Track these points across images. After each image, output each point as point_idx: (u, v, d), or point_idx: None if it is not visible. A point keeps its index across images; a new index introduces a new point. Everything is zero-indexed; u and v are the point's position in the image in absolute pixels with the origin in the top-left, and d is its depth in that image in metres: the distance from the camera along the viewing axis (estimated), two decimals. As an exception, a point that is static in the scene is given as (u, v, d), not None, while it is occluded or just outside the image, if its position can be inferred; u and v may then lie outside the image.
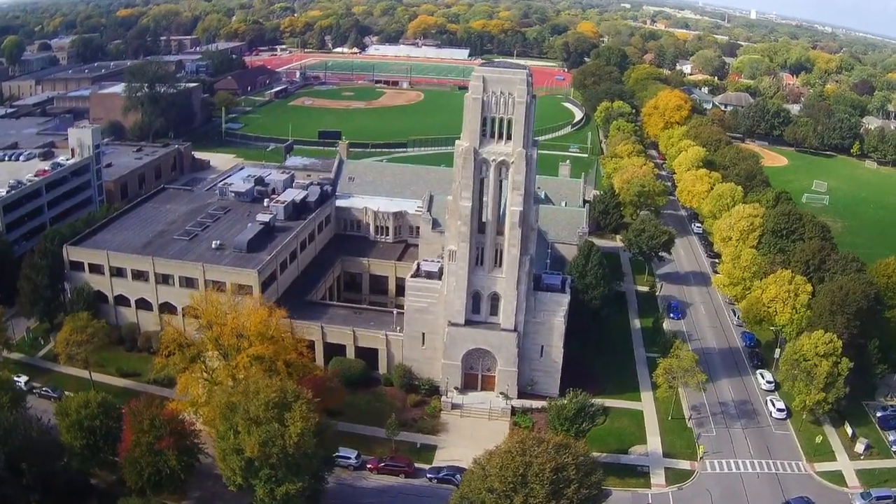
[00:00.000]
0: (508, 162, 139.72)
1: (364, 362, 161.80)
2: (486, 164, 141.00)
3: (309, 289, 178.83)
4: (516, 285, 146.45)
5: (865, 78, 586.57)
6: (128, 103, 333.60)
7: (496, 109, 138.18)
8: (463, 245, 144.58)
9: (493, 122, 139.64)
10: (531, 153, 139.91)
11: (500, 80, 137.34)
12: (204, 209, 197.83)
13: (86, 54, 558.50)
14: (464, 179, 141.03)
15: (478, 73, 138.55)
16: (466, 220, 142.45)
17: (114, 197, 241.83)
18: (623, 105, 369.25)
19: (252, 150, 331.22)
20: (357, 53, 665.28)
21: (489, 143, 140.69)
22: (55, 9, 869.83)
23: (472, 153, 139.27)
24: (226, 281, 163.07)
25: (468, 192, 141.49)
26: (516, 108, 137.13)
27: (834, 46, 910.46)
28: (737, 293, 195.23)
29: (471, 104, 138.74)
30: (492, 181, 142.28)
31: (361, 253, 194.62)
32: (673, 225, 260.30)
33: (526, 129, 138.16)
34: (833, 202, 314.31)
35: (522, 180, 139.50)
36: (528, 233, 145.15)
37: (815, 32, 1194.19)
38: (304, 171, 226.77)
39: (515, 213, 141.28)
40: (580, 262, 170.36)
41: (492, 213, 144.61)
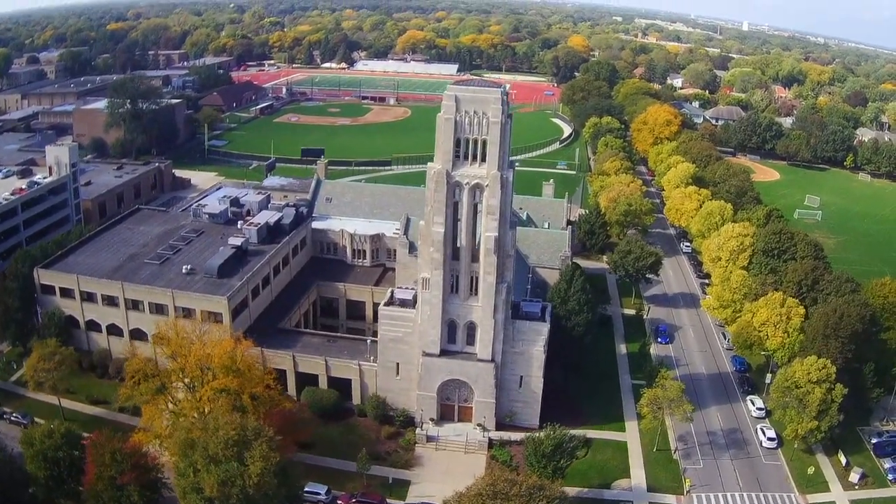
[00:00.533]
0: (483, 185, 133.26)
1: (337, 392, 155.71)
2: (460, 187, 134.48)
3: (282, 315, 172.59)
4: (493, 314, 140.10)
5: (858, 89, 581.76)
6: (109, 119, 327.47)
7: (470, 130, 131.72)
8: (436, 272, 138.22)
9: (466, 144, 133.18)
10: (507, 175, 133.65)
11: (473, 100, 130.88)
12: (177, 231, 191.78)
13: (73, 68, 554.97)
14: (436, 203, 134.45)
15: (450, 93, 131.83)
16: (439, 247, 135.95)
17: (91, 216, 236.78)
18: (612, 121, 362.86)
19: (234, 169, 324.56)
20: (345, 68, 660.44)
21: (462, 165, 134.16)
22: (47, 21, 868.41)
23: (445, 176, 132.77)
24: (195, 308, 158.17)
25: (441, 217, 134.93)
26: (491, 129, 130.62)
27: (826, 58, 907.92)
28: (726, 316, 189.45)
29: (443, 125, 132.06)
30: (465, 205, 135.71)
31: (338, 277, 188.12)
32: (661, 244, 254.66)
33: (501, 150, 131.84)
34: (826, 217, 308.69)
35: (497, 204, 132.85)
36: (505, 259, 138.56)
37: (807, 44, 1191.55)
38: (281, 191, 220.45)
39: (490, 239, 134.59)
40: (562, 287, 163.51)
41: (466, 238, 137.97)
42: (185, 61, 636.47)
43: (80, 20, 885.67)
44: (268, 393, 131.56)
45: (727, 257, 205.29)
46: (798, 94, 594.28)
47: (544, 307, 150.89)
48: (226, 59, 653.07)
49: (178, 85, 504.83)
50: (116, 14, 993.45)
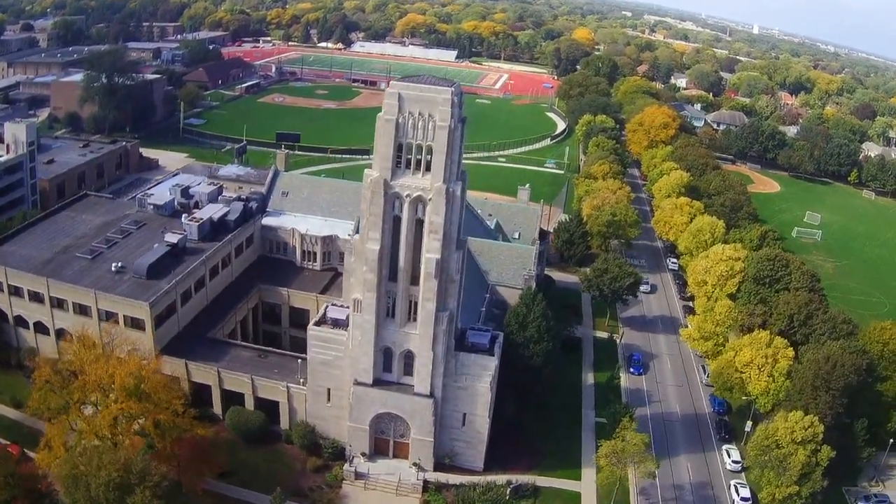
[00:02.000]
0: (425, 198, 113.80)
1: (264, 415, 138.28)
2: (400, 199, 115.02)
3: (216, 323, 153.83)
4: (432, 345, 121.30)
5: (867, 102, 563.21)
6: (84, 94, 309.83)
7: (413, 134, 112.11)
8: (369, 294, 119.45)
9: (409, 150, 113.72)
10: (453, 189, 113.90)
11: (419, 99, 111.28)
12: (118, 222, 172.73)
13: (66, 37, 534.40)
14: (372, 217, 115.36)
15: (392, 90, 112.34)
16: (373, 266, 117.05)
17: (49, 197, 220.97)
18: (606, 119, 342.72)
19: (206, 150, 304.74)
20: (342, 49, 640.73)
21: (404, 174, 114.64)
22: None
23: (383, 185, 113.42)
24: (118, 312, 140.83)
25: (376, 232, 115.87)
26: (437, 134, 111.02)
27: (836, 67, 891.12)
28: (708, 349, 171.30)
29: (382, 126, 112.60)
30: (406, 220, 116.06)
31: (282, 281, 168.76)
32: (646, 258, 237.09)
33: (449, 159, 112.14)
34: (826, 237, 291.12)
35: (441, 222, 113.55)
36: (448, 285, 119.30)
37: (817, 51, 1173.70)
38: (236, 181, 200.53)
39: (431, 262, 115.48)
40: (521, 310, 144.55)
41: (406, 257, 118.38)
42: (180, 34, 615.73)
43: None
44: (174, 421, 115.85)
45: (714, 282, 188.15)
46: (805, 102, 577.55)
47: (494, 337, 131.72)
48: (221, 34, 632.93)
49: (168, 58, 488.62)
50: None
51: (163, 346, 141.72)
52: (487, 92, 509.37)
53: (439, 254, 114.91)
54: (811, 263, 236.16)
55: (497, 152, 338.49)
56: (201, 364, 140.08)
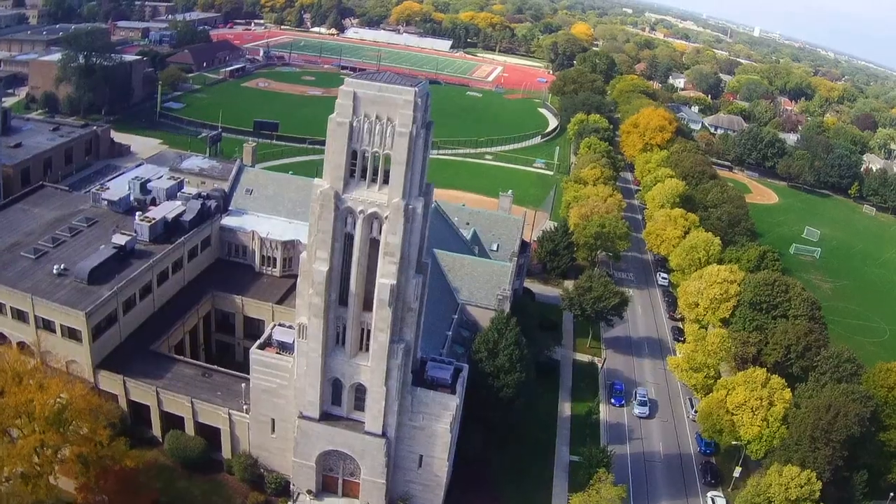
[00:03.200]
0: (381, 216, 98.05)
1: (205, 441, 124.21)
2: (353, 214, 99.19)
3: (161, 333, 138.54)
4: (385, 380, 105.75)
5: (868, 111, 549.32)
6: (60, 74, 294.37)
7: (370, 141, 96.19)
8: (315, 320, 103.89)
9: (364, 158, 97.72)
10: (414, 206, 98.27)
11: (376, 100, 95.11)
12: (70, 218, 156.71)
13: (57, 14, 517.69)
14: (320, 234, 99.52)
15: (347, 88, 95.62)
16: (320, 289, 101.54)
17: (13, 184, 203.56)
18: (599, 119, 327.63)
19: (181, 137, 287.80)
20: (335, 35, 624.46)
21: (358, 186, 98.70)
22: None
23: (333, 199, 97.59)
24: (55, 321, 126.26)
25: (325, 252, 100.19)
26: (396, 142, 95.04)
27: (836, 74, 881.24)
28: (697, 382, 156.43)
29: (334, 130, 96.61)
30: (359, 239, 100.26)
31: (237, 288, 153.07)
32: (634, 272, 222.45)
33: (410, 171, 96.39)
34: (825, 255, 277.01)
35: (398, 243, 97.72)
36: (405, 313, 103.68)
37: (817, 57, 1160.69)
38: (199, 176, 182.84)
39: (385, 288, 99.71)
40: (492, 336, 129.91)
41: (357, 281, 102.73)
42: (171, 14, 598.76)
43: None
44: (97, 453, 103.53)
45: (706, 305, 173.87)
46: (805, 108, 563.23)
47: (458, 370, 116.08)
48: (212, 16, 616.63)
49: (156, 38, 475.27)
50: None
51: (101, 359, 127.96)
52: (479, 84, 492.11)
53: (395, 279, 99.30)
54: (809, 283, 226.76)
55: (484, 149, 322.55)
56: (140, 382, 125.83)
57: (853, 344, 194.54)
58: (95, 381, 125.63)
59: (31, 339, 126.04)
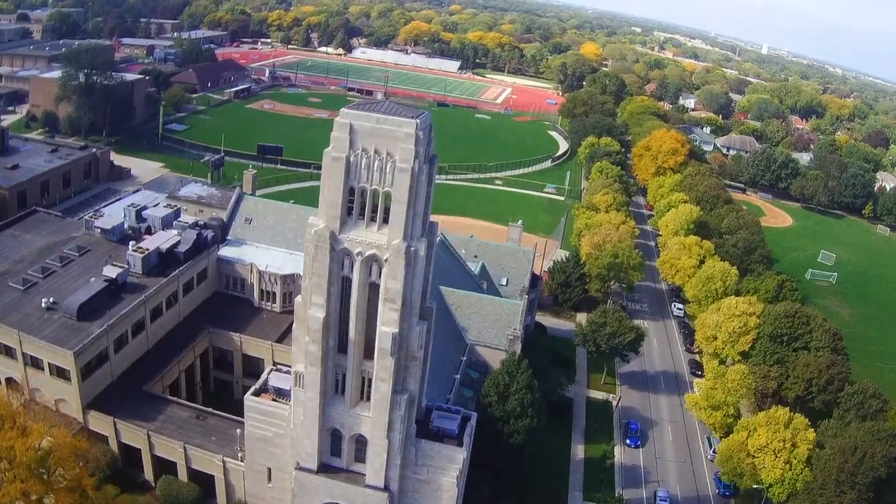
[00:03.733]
0: (381, 258, 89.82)
1: (198, 488, 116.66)
2: (350, 256, 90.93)
3: (155, 372, 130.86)
4: (387, 432, 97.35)
5: (879, 128, 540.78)
6: (60, 92, 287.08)
7: (368, 177, 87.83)
8: (312, 369, 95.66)
9: (362, 196, 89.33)
10: (416, 248, 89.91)
11: (375, 133, 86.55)
12: (61, 246, 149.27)
13: (61, 29, 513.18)
14: (316, 277, 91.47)
15: (343, 119, 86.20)
16: (317, 337, 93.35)
17: (9, 207, 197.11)
18: (611, 142, 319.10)
19: (184, 160, 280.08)
20: (342, 55, 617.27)
21: (356, 225, 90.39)
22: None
23: (329, 239, 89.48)
24: (43, 359, 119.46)
25: (321, 297, 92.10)
26: (397, 179, 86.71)
27: (845, 90, 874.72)
28: (716, 421, 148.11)
29: (330, 165, 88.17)
30: (357, 282, 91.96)
31: (234, 325, 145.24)
32: (648, 302, 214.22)
33: (411, 210, 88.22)
34: (841, 279, 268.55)
35: (399, 288, 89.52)
36: (408, 362, 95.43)
37: (825, 73, 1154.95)
38: (197, 203, 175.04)
39: (387, 336, 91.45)
40: (502, 379, 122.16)
41: (356, 328, 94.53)
42: (177, 32, 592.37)
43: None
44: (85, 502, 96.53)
45: (725, 339, 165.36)
46: (816, 127, 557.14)
47: (465, 419, 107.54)
48: (219, 34, 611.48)
49: (160, 56, 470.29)
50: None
51: (91, 399, 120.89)
52: (488, 106, 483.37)
53: (397, 327, 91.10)
54: (826, 310, 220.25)
55: (493, 174, 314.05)
56: (131, 424, 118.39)
57: (873, 371, 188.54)
58: (85, 422, 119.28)
59: (19, 376, 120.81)
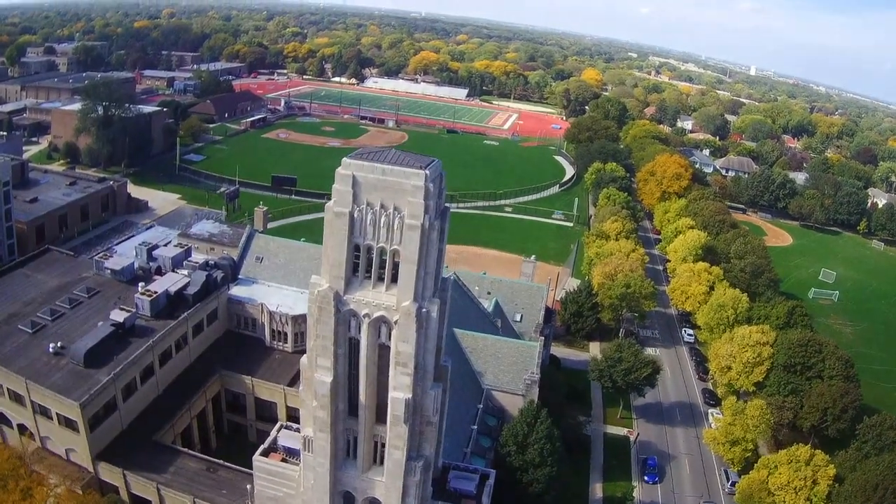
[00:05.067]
0: (390, 321, 77.83)
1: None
2: (357, 318, 78.96)
3: (166, 420, 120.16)
4: (402, 498, 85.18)
5: (867, 145, 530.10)
6: (79, 125, 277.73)
7: (374, 234, 75.93)
8: (322, 435, 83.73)
9: (368, 254, 77.43)
10: (428, 309, 77.85)
11: (380, 185, 74.23)
12: (71, 287, 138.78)
13: (86, 62, 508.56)
14: (321, 340, 79.62)
15: (345, 170, 74.71)
16: (325, 402, 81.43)
17: (27, 241, 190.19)
18: (616, 168, 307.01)
19: (200, 191, 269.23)
20: (354, 84, 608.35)
21: (362, 285, 78.37)
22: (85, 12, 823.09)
23: (334, 300, 77.63)
24: (51, 408, 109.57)
25: (328, 360, 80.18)
26: (405, 236, 74.21)
27: (830, 108, 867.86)
28: (735, 456, 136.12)
29: (332, 222, 76.05)
30: (366, 344, 79.95)
31: (246, 368, 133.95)
32: (659, 328, 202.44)
33: (422, 270, 76.29)
34: (842, 297, 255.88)
35: (412, 352, 77.56)
36: (423, 427, 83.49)
37: (811, 92, 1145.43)
38: (208, 242, 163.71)
39: (399, 403, 79.65)
40: (521, 429, 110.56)
41: (367, 392, 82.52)
42: (197, 64, 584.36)
43: (117, 14, 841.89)
44: None
45: (740, 369, 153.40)
46: (808, 145, 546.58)
47: (484, 477, 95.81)
48: (237, 66, 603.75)
49: (180, 88, 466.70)
50: (152, 12, 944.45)
51: (101, 449, 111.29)
52: (496, 132, 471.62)
53: (410, 392, 79.27)
54: (830, 329, 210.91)
55: (503, 201, 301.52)
56: (141, 476, 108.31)
57: (880, 392, 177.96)
58: (96, 472, 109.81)
59: (30, 423, 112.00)
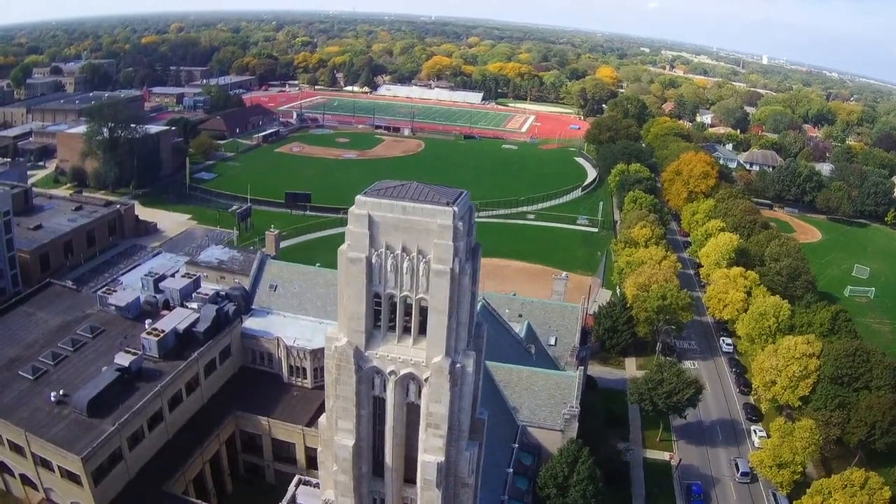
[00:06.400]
0: (419, 378, 68.09)
1: None
2: (381, 375, 69.27)
3: (176, 467, 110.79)
4: (437, 569, 75.89)
5: (888, 131, 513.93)
6: (85, 148, 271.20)
7: (396, 282, 65.13)
8: (344, 500, 74.46)
9: (391, 304, 67.21)
10: (463, 364, 67.60)
11: (401, 226, 63.14)
12: (74, 326, 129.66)
13: (94, 81, 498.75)
14: (341, 401, 70.16)
15: (360, 211, 63.93)
16: (347, 466, 72.23)
17: (32, 270, 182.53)
18: (641, 168, 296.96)
19: (211, 211, 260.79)
20: (367, 93, 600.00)
21: (385, 339, 68.34)
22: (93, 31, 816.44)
23: (353, 357, 67.93)
24: (53, 461, 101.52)
25: (349, 422, 70.78)
26: (433, 285, 63.52)
27: (846, 94, 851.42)
28: (784, 479, 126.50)
29: (347, 269, 65.32)
30: (392, 405, 70.21)
31: (262, 407, 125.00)
32: (695, 338, 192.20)
33: (454, 320, 65.76)
34: (878, 293, 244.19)
35: (445, 413, 67.79)
36: (458, 490, 73.82)
37: (825, 79, 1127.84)
38: (217, 270, 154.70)
39: (431, 467, 69.97)
40: (561, 469, 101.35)
41: (394, 454, 73.05)
42: (207, 78, 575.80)
43: (125, 30, 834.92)
44: None
45: (785, 384, 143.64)
46: (829, 134, 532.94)
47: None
48: (247, 79, 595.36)
49: (189, 104, 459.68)
50: (160, 27, 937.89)
51: (107, 503, 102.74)
52: (514, 136, 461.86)
53: (443, 455, 69.78)
54: (868, 329, 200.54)
55: (524, 208, 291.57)
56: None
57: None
58: None
59: (31, 475, 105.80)
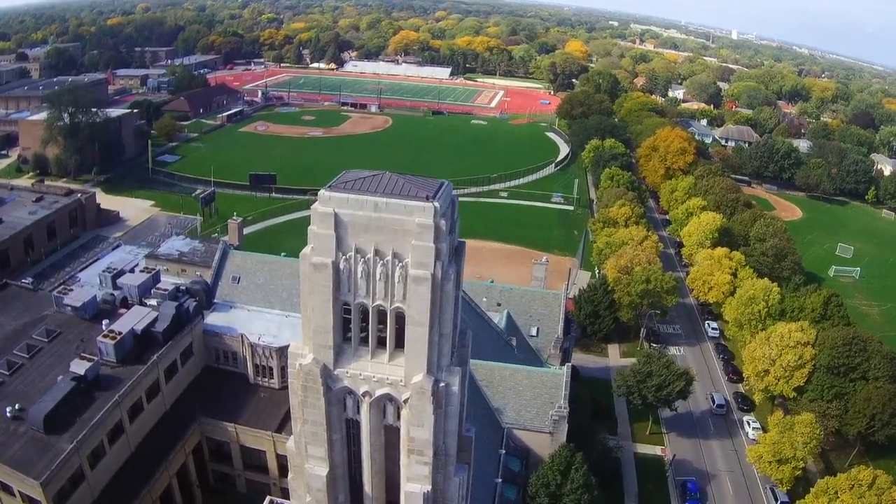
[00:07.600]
0: (398, 399, 58.75)
1: None
2: (353, 397, 59.93)
3: (141, 485, 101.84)
4: None
5: (864, 109, 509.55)
6: (45, 135, 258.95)
7: (368, 290, 55.30)
8: (316, 534, 65.59)
9: (362, 315, 57.45)
10: (448, 382, 58.01)
11: (373, 226, 52.93)
12: (30, 329, 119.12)
13: (59, 66, 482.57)
14: (310, 426, 60.78)
15: (324, 208, 53.24)
16: (322, 497, 62.97)
17: None
18: (616, 144, 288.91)
19: (175, 195, 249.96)
20: (334, 69, 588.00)
21: (357, 355, 58.72)
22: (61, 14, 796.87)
23: (321, 377, 58.39)
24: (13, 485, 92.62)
25: (321, 449, 61.48)
26: (411, 293, 53.81)
27: (817, 70, 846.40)
28: (784, 476, 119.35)
29: (311, 275, 55.08)
30: (368, 429, 60.95)
31: (229, 412, 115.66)
32: (680, 322, 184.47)
33: (436, 332, 56.13)
34: (863, 273, 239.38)
35: (428, 439, 58.54)
36: (444, 522, 65.47)
37: (795, 55, 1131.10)
38: (178, 262, 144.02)
39: (416, 497, 60.80)
40: (554, 477, 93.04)
41: (373, 482, 63.93)
42: (172, 59, 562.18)
43: (91, 13, 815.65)
44: None
45: (779, 374, 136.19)
46: (803, 111, 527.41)
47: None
48: (212, 58, 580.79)
49: (154, 86, 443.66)
50: (127, 7, 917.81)
51: None
52: (483, 111, 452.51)
53: (429, 483, 60.63)
54: (855, 310, 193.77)
55: (497, 185, 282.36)
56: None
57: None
58: None
59: None
